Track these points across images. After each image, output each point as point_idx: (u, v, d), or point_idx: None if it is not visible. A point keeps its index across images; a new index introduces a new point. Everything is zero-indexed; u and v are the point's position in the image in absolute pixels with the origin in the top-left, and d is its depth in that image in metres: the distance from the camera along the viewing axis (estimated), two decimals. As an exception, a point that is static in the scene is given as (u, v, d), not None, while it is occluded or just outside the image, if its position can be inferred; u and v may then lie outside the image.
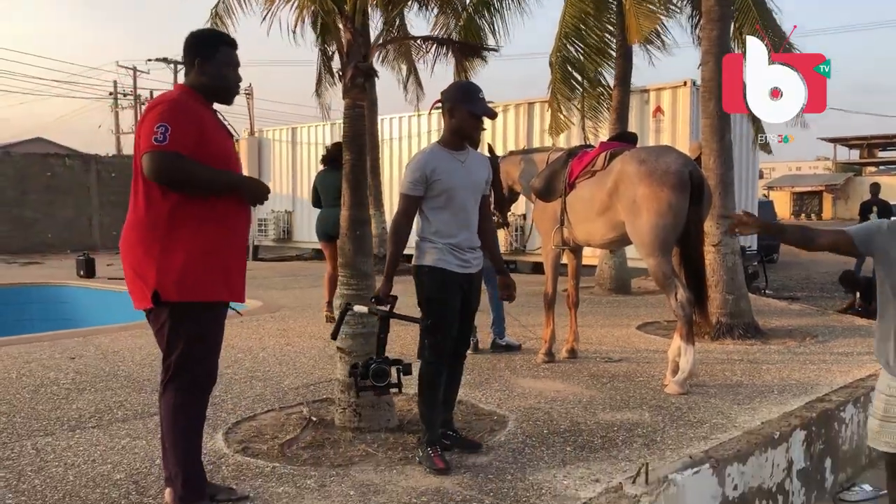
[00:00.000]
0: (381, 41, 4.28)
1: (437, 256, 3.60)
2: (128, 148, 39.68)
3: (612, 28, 10.40)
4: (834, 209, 46.37)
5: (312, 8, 4.39)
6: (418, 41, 4.69)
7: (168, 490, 3.07)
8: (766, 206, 20.39)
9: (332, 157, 7.76)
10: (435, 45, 4.67)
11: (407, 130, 15.74)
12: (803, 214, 47.25)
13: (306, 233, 16.75)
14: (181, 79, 3.67)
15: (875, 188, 14.77)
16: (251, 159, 19.07)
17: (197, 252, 2.89)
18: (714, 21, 6.95)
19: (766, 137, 10.72)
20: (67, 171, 21.51)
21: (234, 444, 3.89)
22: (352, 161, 4.14)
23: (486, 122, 3.83)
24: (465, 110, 3.62)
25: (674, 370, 5.02)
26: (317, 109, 14.76)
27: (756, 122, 10.62)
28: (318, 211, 8.04)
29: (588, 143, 9.57)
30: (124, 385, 5.16)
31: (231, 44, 3.12)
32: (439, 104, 3.82)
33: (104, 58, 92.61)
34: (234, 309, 3.23)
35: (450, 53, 4.99)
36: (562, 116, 10.52)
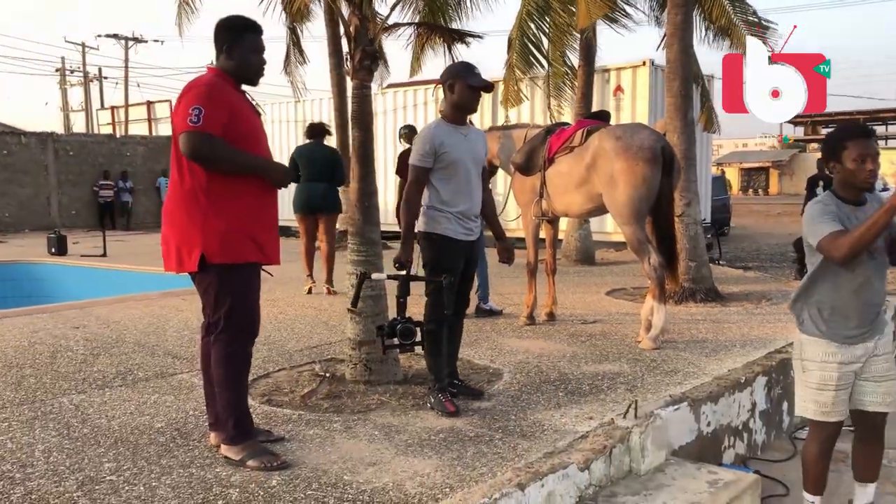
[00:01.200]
0: (384, 26, 4.59)
1: (444, 225, 4.01)
2: (79, 125, 39.08)
3: (574, 10, 10.84)
4: (780, 184, 47.93)
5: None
6: (419, 28, 5.01)
7: (213, 434, 3.44)
8: (719, 180, 21.18)
9: (317, 132, 8.06)
10: (432, 31, 5.04)
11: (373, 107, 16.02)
12: (751, 189, 48.70)
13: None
14: (132, 55, 3.98)
15: (820, 163, 15.52)
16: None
17: (236, 219, 3.23)
18: (678, 6, 7.43)
19: (710, 113, 11.31)
20: (23, 150, 21.22)
21: (258, 397, 4.24)
22: (360, 137, 4.50)
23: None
24: (464, 83, 4.01)
25: (647, 328, 5.52)
26: (278, 88, 14.96)
27: (704, 101, 11.19)
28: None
29: (554, 121, 10.06)
30: (135, 350, 5.46)
31: (256, 30, 3.43)
32: (440, 84, 4.21)
33: (52, 34, 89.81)
34: (266, 271, 3.58)
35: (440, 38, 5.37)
36: (516, 88, 11.01)
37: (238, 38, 3.35)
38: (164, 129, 31.27)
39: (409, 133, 7.68)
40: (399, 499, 2.90)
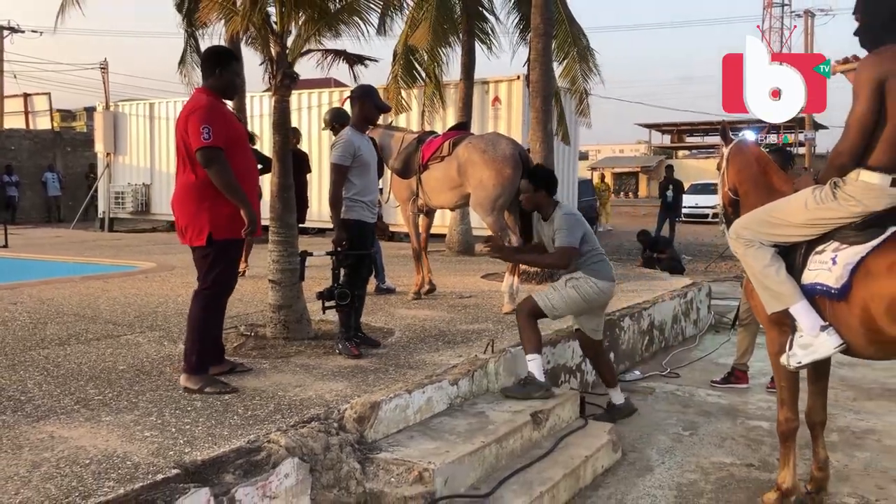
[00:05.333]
0: (301, 52, 5.72)
1: (360, 212, 5.24)
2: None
3: (457, 27, 12.25)
4: (648, 188, 51.46)
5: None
6: (326, 54, 6.17)
7: (183, 376, 4.44)
8: (586, 183, 23.19)
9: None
10: (336, 56, 6.23)
11: (269, 108, 16.84)
12: (622, 192, 51.99)
13: (165, 206, 17.43)
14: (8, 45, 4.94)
15: (669, 170, 17.67)
16: (107, 133, 19.38)
17: (233, 206, 4.32)
18: (540, 35, 8.87)
19: (566, 128, 12.92)
20: None
21: (198, 349, 5.28)
22: (280, 142, 5.60)
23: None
24: (372, 104, 5.31)
25: (509, 299, 6.87)
26: (172, 84, 15.71)
27: (560, 116, 12.76)
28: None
29: (428, 128, 11.47)
30: (77, 320, 6.32)
31: (238, 59, 4.59)
32: (348, 98, 5.47)
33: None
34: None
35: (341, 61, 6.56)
36: (401, 100, 12.34)
37: (227, 64, 4.46)
38: (42, 123, 30.74)
39: (332, 118, 7.30)
40: (321, 402, 4.06)
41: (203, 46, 15.43)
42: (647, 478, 4.35)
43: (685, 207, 16.62)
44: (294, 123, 15.56)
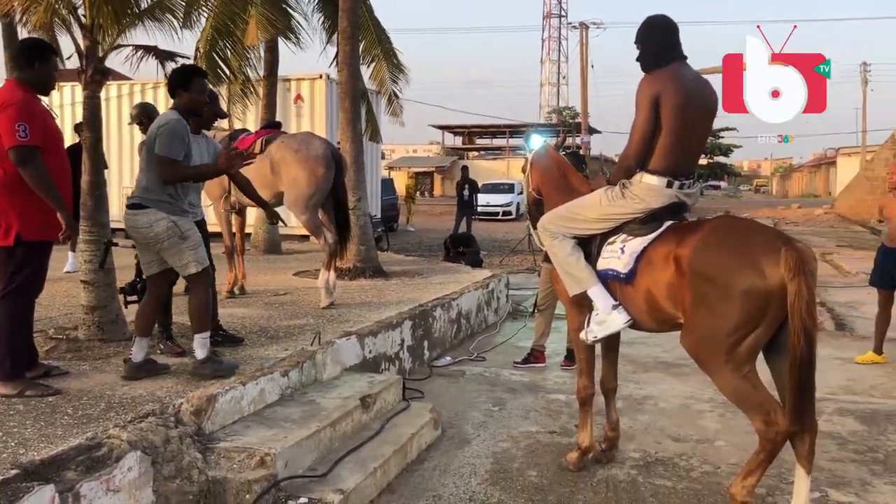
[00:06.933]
0: (113, 46, 5.56)
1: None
2: None
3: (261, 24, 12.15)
4: (443, 187, 53.35)
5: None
6: (136, 49, 6.04)
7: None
8: (387, 182, 23.78)
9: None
10: (149, 52, 6.11)
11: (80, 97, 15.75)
12: (418, 192, 53.41)
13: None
14: None
15: (465, 171, 18.66)
16: None
17: (44, 207, 4.15)
18: (347, 39, 9.14)
19: (376, 125, 13.32)
20: None
21: (4, 355, 5.01)
22: (92, 138, 5.44)
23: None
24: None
25: (326, 294, 7.09)
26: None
27: (369, 115, 13.15)
28: None
29: (244, 127, 11.31)
30: None
31: (57, 53, 4.45)
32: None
33: None
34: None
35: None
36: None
37: (47, 58, 4.29)
38: None
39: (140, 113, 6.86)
40: (153, 398, 4.08)
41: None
42: (465, 449, 4.79)
43: (479, 206, 17.65)
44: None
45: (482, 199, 23.87)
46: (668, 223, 3.94)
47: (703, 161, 69.01)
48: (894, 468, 4.51)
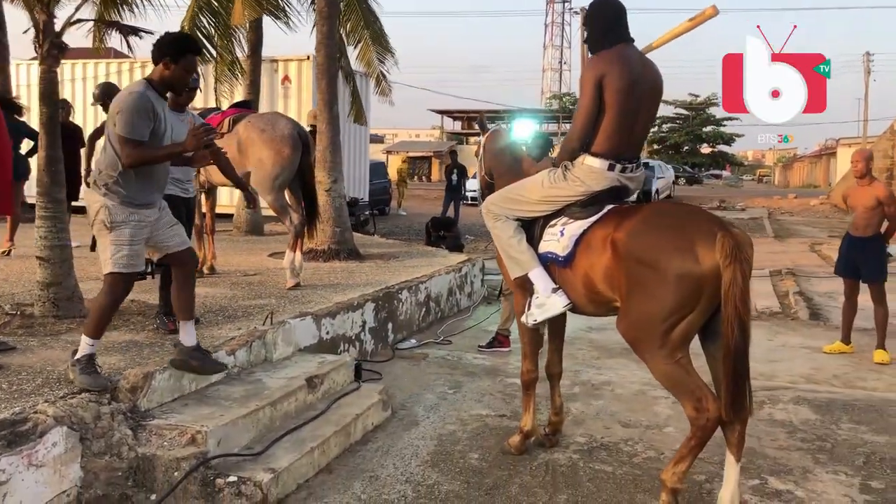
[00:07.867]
0: (70, 22, 5.52)
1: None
2: None
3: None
4: (440, 172, 53.26)
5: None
6: (100, 24, 5.98)
7: None
8: (379, 165, 23.72)
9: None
10: (111, 27, 6.06)
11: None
12: (416, 176, 53.37)
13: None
14: None
15: (453, 155, 18.59)
16: None
17: None
18: (325, 18, 9.06)
19: (360, 108, 13.26)
20: None
21: (-45, 330, 5.01)
22: (48, 113, 5.40)
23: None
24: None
25: (292, 275, 7.07)
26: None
27: (354, 97, 13.07)
28: None
29: (217, 106, 11.26)
30: None
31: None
32: None
33: None
34: None
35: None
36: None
37: None
38: None
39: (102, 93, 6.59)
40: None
41: None
42: (412, 431, 4.78)
43: (470, 192, 17.58)
44: (67, 95, 14.67)
45: (472, 184, 23.72)
46: (609, 207, 3.91)
47: (705, 150, 68.80)
48: (840, 457, 4.50)
